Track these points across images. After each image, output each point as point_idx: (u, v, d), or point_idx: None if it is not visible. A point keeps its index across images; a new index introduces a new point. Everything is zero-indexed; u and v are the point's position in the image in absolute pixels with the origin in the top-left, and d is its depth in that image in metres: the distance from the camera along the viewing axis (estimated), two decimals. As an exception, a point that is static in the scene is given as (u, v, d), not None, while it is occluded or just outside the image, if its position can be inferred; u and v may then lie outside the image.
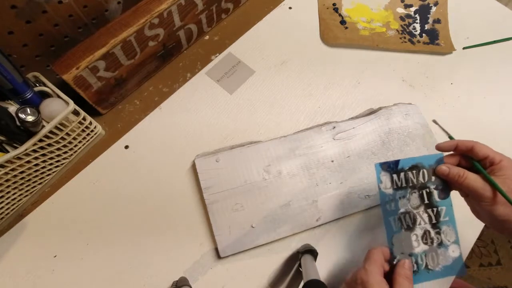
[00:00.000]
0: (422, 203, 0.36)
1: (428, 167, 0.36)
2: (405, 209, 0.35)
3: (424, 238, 0.35)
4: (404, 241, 0.35)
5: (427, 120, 0.51)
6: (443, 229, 0.36)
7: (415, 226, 0.35)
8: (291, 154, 0.46)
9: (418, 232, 0.35)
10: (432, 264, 0.35)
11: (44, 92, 0.41)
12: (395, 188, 0.35)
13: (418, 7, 0.63)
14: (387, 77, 0.56)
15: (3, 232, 0.41)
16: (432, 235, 0.35)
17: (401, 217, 0.35)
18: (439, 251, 0.35)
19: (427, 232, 0.35)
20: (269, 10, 0.60)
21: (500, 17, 0.63)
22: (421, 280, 0.34)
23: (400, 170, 0.36)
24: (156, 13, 0.43)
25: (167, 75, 0.53)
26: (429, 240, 0.35)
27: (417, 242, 0.35)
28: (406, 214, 0.35)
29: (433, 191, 0.36)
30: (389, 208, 0.35)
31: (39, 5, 0.39)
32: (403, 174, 0.36)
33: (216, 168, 0.44)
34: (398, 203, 0.35)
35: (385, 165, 0.35)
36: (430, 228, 0.35)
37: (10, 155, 0.35)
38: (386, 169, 0.36)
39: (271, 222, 0.42)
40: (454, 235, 0.36)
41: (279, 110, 0.51)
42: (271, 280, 0.41)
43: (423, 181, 0.36)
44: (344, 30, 0.58)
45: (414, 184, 0.36)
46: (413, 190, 0.36)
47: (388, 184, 0.35)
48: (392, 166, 0.36)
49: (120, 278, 0.40)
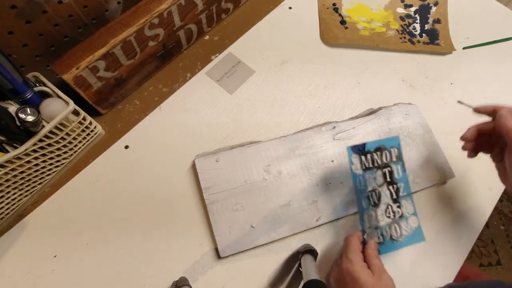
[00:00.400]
0: (385, 181, 0.40)
1: (390, 148, 0.40)
2: (372, 187, 0.39)
3: (387, 212, 0.39)
4: (372, 216, 0.39)
5: (427, 120, 0.51)
6: (402, 203, 0.40)
7: (380, 202, 0.39)
8: (291, 154, 0.46)
9: (382, 207, 0.39)
10: (395, 235, 0.39)
11: (44, 92, 0.41)
12: (363, 169, 0.39)
13: (418, 7, 0.63)
14: (387, 77, 0.56)
15: (3, 232, 0.41)
16: (394, 209, 0.39)
17: (369, 195, 0.39)
18: (401, 223, 0.39)
19: (389, 207, 0.39)
20: (269, 10, 0.60)
21: (500, 17, 0.63)
22: (387, 250, 0.38)
23: (367, 152, 0.40)
24: (156, 13, 0.43)
25: (167, 75, 0.53)
26: (391, 214, 0.39)
27: (382, 217, 0.39)
28: (373, 192, 0.39)
29: (393, 169, 0.40)
30: (360, 187, 0.39)
31: (39, 5, 0.39)
32: (369, 155, 0.40)
33: (216, 168, 0.44)
34: (366, 182, 0.39)
35: (355, 148, 0.39)
36: (391, 203, 0.40)
37: (10, 155, 0.34)
38: (356, 151, 0.39)
39: (271, 222, 0.42)
40: (412, 208, 0.40)
41: (279, 110, 0.51)
42: (271, 280, 0.41)
43: (385, 161, 0.40)
44: (344, 30, 0.58)
45: (379, 164, 0.40)
46: (378, 170, 0.40)
47: (358, 165, 0.39)
48: (361, 149, 0.40)
49: (120, 278, 0.40)
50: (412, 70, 0.56)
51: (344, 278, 0.34)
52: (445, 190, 0.48)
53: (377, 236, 0.38)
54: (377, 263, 0.35)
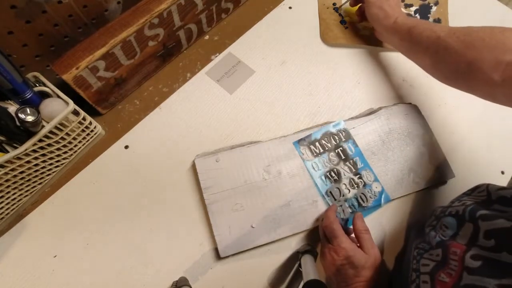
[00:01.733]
0: (340, 159, 0.46)
1: (336, 131, 0.47)
2: (329, 168, 0.45)
3: (351, 184, 0.45)
4: (337, 192, 0.44)
5: (427, 120, 0.51)
6: (362, 173, 0.45)
7: (341, 178, 0.45)
8: (291, 154, 0.46)
9: (345, 181, 0.45)
10: (364, 202, 0.44)
11: (44, 92, 0.41)
12: (315, 155, 0.45)
13: (418, 7, 0.63)
14: (387, 77, 0.56)
15: (3, 232, 0.41)
16: (356, 181, 0.45)
17: (327, 175, 0.45)
18: (366, 190, 0.44)
19: (351, 180, 0.45)
20: (269, 10, 0.60)
21: (500, 17, 0.63)
22: None
23: (314, 141, 0.46)
24: (156, 13, 0.43)
25: (167, 75, 0.53)
26: (355, 185, 0.45)
27: (347, 190, 0.44)
28: (330, 171, 0.45)
29: (345, 147, 0.46)
30: (315, 170, 0.45)
31: (39, 5, 0.39)
32: (318, 143, 0.46)
33: (216, 168, 0.44)
34: (321, 165, 0.45)
35: (301, 141, 0.46)
36: (353, 176, 0.45)
37: (10, 155, 0.34)
38: (303, 144, 0.46)
39: (271, 222, 0.42)
40: (372, 175, 0.46)
41: (279, 110, 0.51)
42: (271, 280, 0.41)
43: (335, 143, 0.46)
44: (344, 30, 0.58)
45: (329, 147, 0.46)
46: (330, 152, 0.46)
47: (308, 154, 0.45)
48: (307, 140, 0.46)
49: (120, 278, 0.40)
50: (412, 70, 0.56)
51: (346, 264, 0.36)
52: (445, 190, 0.48)
53: (348, 207, 0.43)
54: (367, 237, 0.39)
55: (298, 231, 0.43)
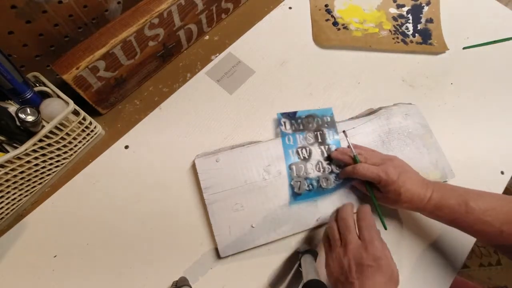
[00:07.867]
0: (316, 141, 0.47)
1: (322, 116, 0.48)
2: (302, 145, 0.46)
3: (317, 167, 0.45)
4: (301, 168, 0.45)
5: (427, 120, 0.51)
6: (333, 161, 0.46)
7: (310, 157, 0.46)
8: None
9: (313, 162, 0.45)
10: (325, 184, 0.44)
11: (44, 92, 0.41)
12: (293, 130, 0.47)
13: (410, 7, 0.63)
14: (387, 77, 0.56)
15: (3, 232, 0.41)
16: (324, 165, 0.45)
17: (299, 151, 0.46)
18: (330, 176, 0.45)
19: (320, 163, 0.45)
20: (269, 10, 0.60)
21: (500, 17, 0.63)
22: (316, 195, 0.44)
23: (297, 118, 0.48)
24: (156, 13, 0.43)
25: (167, 75, 0.53)
26: (321, 169, 0.45)
27: (312, 170, 0.45)
28: (303, 148, 0.46)
29: (326, 133, 0.47)
30: (288, 142, 0.46)
31: (39, 5, 0.39)
32: (300, 120, 0.47)
33: (216, 168, 0.44)
34: (296, 140, 0.46)
35: (286, 114, 0.48)
36: (322, 160, 0.46)
37: (10, 155, 0.34)
38: (286, 116, 0.47)
39: (271, 222, 0.42)
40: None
41: (279, 110, 0.51)
42: (271, 280, 0.41)
43: (316, 126, 0.47)
44: (337, 32, 0.58)
45: (309, 128, 0.47)
46: (309, 132, 0.47)
47: (288, 126, 0.47)
48: (291, 115, 0.48)
49: (120, 278, 0.40)
50: (412, 70, 0.56)
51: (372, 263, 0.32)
52: (445, 190, 0.48)
53: (307, 184, 0.44)
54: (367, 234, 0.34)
55: (298, 231, 0.43)
